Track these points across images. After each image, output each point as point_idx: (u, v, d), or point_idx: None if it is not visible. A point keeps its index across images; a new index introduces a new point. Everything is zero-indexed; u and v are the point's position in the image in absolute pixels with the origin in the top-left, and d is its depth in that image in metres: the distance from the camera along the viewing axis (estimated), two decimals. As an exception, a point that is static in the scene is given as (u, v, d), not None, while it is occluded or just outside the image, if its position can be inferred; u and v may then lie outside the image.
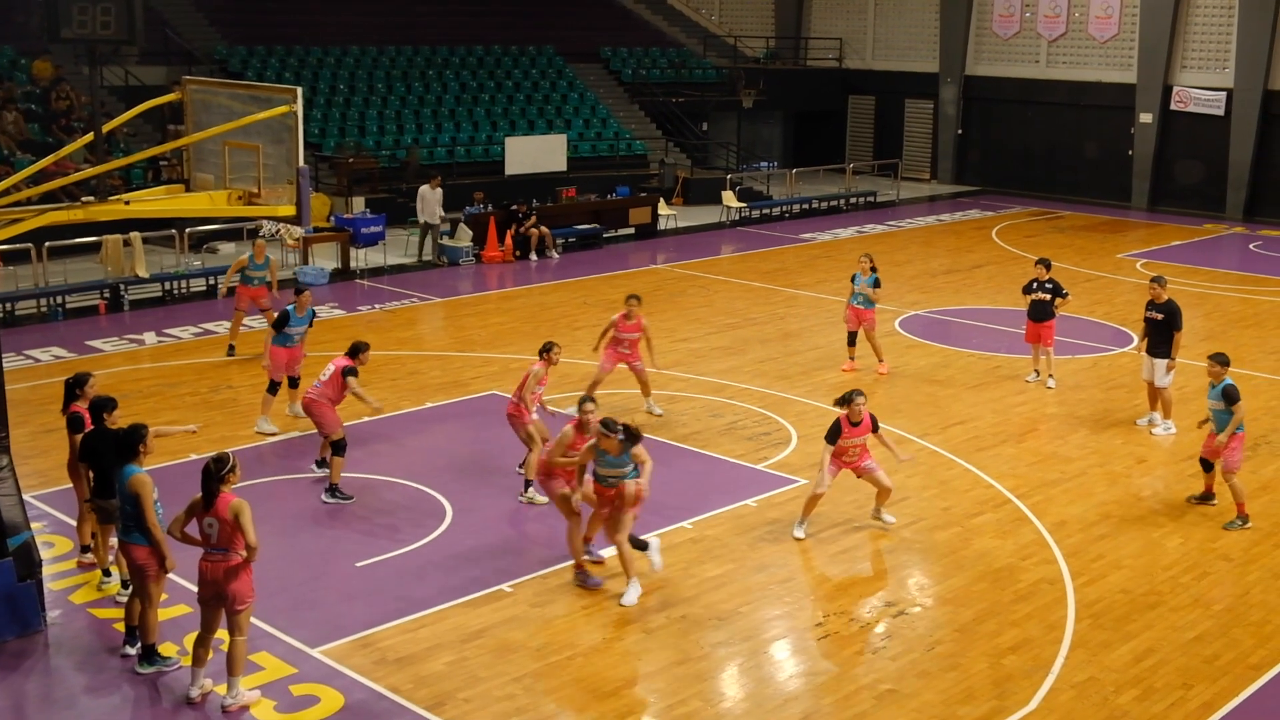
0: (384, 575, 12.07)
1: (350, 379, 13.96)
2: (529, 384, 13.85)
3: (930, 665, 10.55)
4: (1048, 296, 18.27)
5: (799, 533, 13.07)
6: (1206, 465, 13.96)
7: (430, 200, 27.20)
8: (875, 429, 13.11)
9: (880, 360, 18.99)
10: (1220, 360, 13.85)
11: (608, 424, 11.41)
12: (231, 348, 19.58)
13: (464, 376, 18.50)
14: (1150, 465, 15.51)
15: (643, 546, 11.91)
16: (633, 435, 11.45)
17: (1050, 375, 18.53)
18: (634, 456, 11.54)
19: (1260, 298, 25.11)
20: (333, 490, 13.89)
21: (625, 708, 9.89)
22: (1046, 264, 18.64)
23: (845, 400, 13.01)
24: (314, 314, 16.90)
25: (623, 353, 16.61)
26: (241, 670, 9.69)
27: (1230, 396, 13.49)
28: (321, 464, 14.56)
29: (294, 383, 16.52)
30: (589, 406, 11.94)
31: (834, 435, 12.97)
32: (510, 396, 14.32)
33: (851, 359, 19.17)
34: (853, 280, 18.94)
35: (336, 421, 13.93)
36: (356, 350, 14.35)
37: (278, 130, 15.80)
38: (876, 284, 18.75)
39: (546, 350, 14.15)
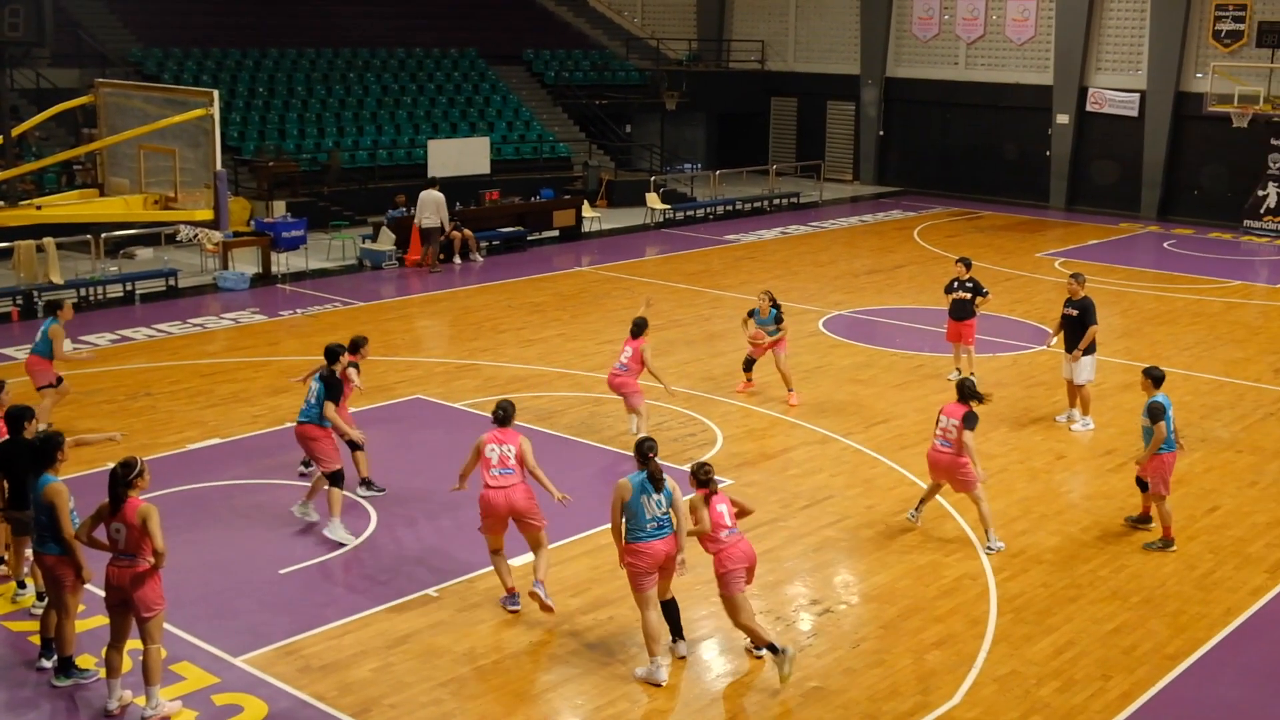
0: (308, 582, 11.96)
1: (352, 371, 13.70)
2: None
3: (856, 662, 10.64)
4: (968, 295, 18.48)
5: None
6: (1142, 485, 13.29)
7: (428, 204, 26.91)
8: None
9: (790, 390, 17.65)
10: (1150, 374, 13.39)
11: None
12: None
13: (388, 381, 18.37)
14: (1069, 461, 15.74)
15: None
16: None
17: (971, 373, 18.74)
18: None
19: (1174, 295, 25.60)
20: (368, 483, 13.92)
21: (552, 710, 9.87)
22: (967, 263, 18.86)
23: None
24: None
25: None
26: (159, 680, 9.53)
27: (1153, 414, 12.91)
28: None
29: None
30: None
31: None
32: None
33: (749, 380, 18.13)
34: (750, 315, 17.75)
35: (361, 436, 13.55)
36: (356, 345, 14.14)
37: (195, 134, 15.65)
38: (778, 320, 17.48)
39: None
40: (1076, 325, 16.64)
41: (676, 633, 10.75)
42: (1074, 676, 10.44)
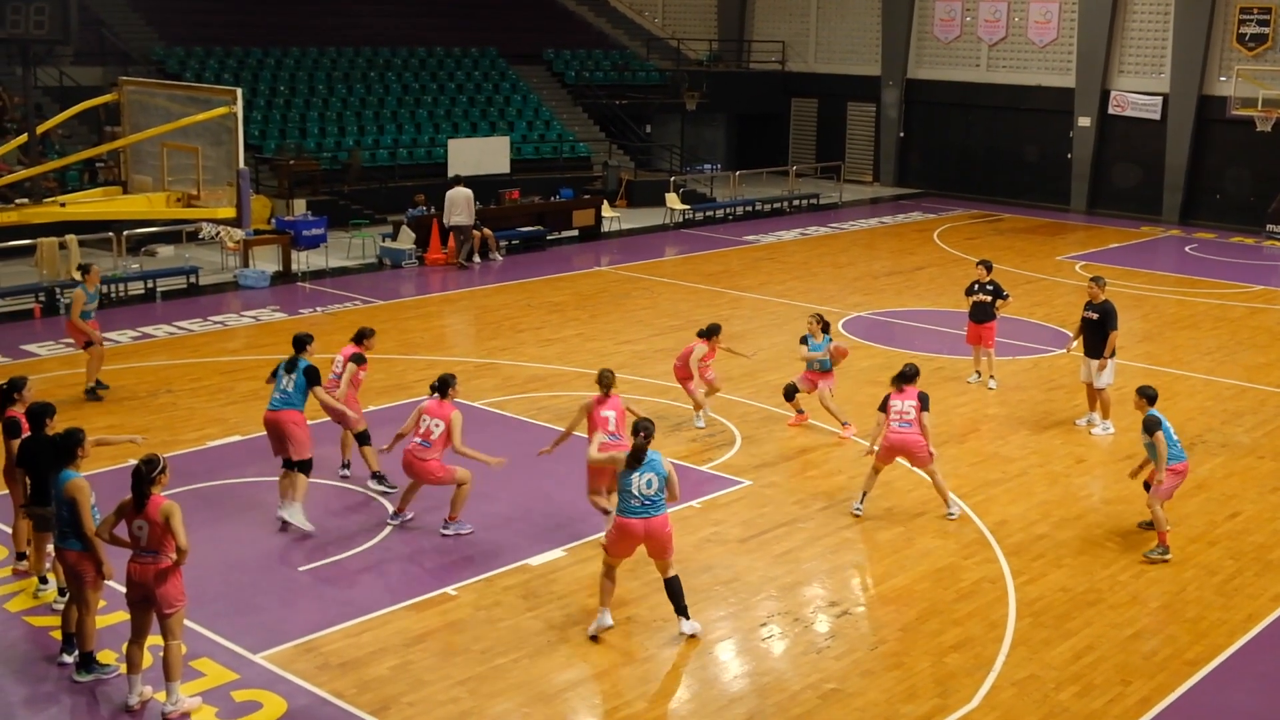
0: (327, 579, 11.99)
1: (354, 366, 13.89)
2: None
3: (874, 664, 10.62)
4: (988, 298, 18.43)
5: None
6: (1149, 487, 13.17)
7: (459, 202, 26.99)
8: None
9: (843, 424, 16.44)
10: (1144, 394, 13.22)
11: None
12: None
13: (407, 379, 18.40)
14: (1089, 465, 15.69)
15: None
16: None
17: (991, 376, 18.70)
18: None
19: (1196, 300, 25.49)
20: (379, 478, 14.11)
21: (570, 709, 9.88)
22: (988, 266, 18.81)
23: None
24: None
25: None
26: (179, 676, 9.57)
27: (1147, 427, 12.85)
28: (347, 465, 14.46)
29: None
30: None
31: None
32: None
33: (800, 411, 16.85)
34: (803, 342, 16.65)
35: (359, 419, 13.78)
36: (362, 336, 14.22)
37: (217, 132, 15.71)
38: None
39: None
40: (1096, 329, 16.58)
41: (681, 611, 10.94)
42: (1093, 681, 10.41)
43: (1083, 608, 11.71)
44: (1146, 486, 13.21)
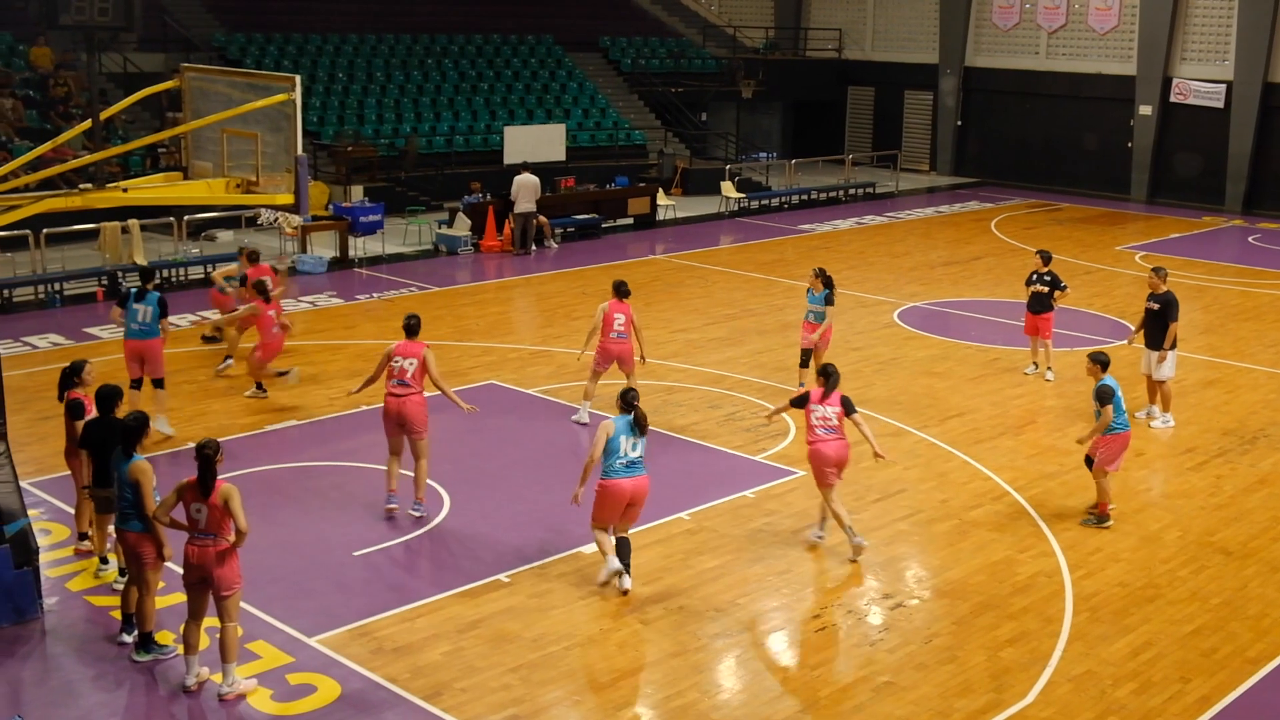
0: (381, 565, 12.07)
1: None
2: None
3: (928, 658, 10.55)
4: (1046, 289, 18.24)
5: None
6: (1090, 464, 13.40)
7: (526, 188, 27.10)
8: None
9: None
10: (1096, 359, 13.47)
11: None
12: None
13: (462, 366, 18.48)
14: (1148, 458, 15.49)
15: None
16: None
17: (1049, 367, 18.52)
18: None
19: (1259, 290, 25.10)
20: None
21: (622, 699, 9.89)
22: (1046, 256, 18.62)
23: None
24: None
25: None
26: (235, 657, 9.67)
27: (1100, 396, 13.02)
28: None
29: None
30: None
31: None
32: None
33: (801, 384, 17.18)
34: (808, 295, 17.42)
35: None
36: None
37: (276, 118, 15.77)
38: (828, 301, 17.06)
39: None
40: (1157, 320, 16.37)
41: (626, 568, 11.51)
42: (1152, 678, 10.28)
43: (1141, 603, 11.57)
44: (1088, 462, 13.40)
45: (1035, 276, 18.39)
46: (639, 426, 11.32)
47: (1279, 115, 34.80)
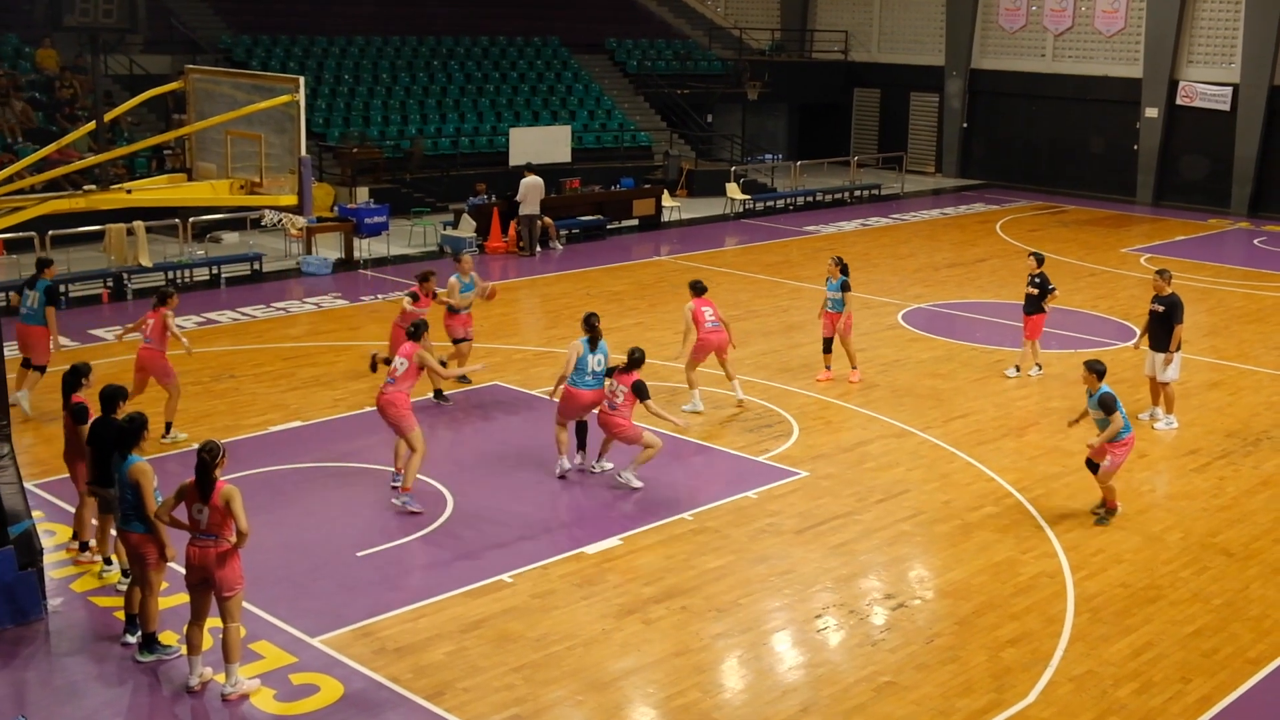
0: (384, 565, 12.09)
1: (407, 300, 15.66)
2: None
3: (929, 658, 10.56)
4: (1035, 291, 18.27)
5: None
6: (1092, 467, 13.43)
7: (532, 190, 27.18)
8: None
9: (853, 367, 18.11)
10: (1093, 368, 13.31)
11: None
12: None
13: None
14: (1151, 460, 15.49)
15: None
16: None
17: (1038, 364, 18.58)
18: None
19: (1264, 293, 25.08)
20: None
21: (624, 698, 9.91)
22: (1039, 258, 18.67)
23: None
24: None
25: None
26: (238, 658, 9.70)
27: (1106, 405, 13.03)
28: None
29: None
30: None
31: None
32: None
33: (827, 368, 18.20)
34: (827, 284, 18.10)
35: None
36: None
37: (280, 120, 15.81)
38: (844, 289, 17.67)
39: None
40: (1162, 322, 16.36)
41: (581, 446, 14.47)
42: (1152, 679, 10.28)
43: (1142, 604, 11.57)
44: (1090, 466, 13.40)
45: (1029, 277, 18.46)
46: (592, 343, 13.94)
47: (1285, 117, 34.78)
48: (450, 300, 17.16)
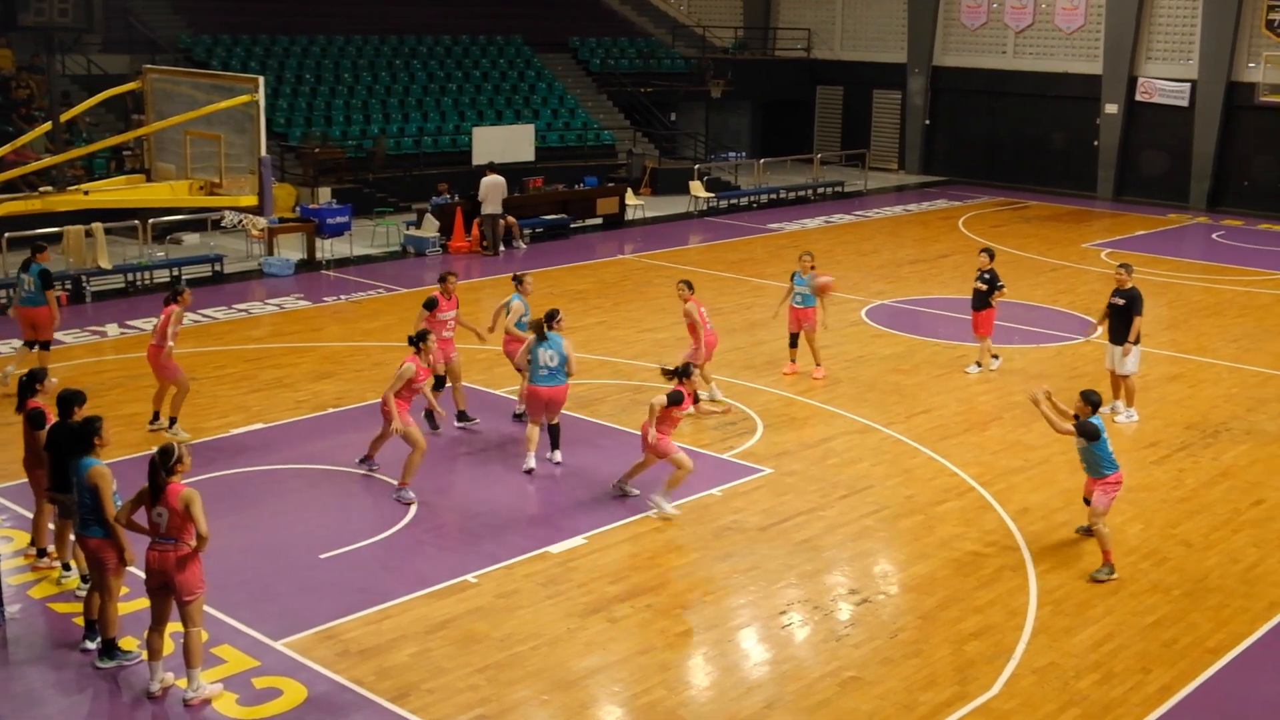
0: (348, 567, 12.03)
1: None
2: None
3: (893, 652, 10.60)
4: (984, 287, 18.38)
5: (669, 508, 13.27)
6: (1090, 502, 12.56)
7: (494, 189, 27.10)
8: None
9: (817, 364, 18.22)
10: (1089, 399, 12.21)
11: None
12: None
13: (430, 367, 18.40)
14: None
15: None
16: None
17: (995, 356, 18.70)
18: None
19: (1222, 287, 25.31)
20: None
21: (589, 697, 9.90)
22: (990, 254, 18.79)
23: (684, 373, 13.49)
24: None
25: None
26: (199, 662, 9.62)
27: (1086, 433, 12.02)
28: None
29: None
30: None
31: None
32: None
33: (793, 361, 18.45)
34: (792, 279, 18.17)
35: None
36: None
37: (241, 120, 15.76)
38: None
39: None
40: (1122, 315, 16.47)
41: (555, 445, 14.56)
42: (1114, 669, 10.36)
43: (1104, 596, 11.65)
44: (1086, 501, 12.59)
45: (977, 273, 18.55)
46: (539, 337, 14.16)
47: (1242, 114, 35.07)
48: (508, 324, 15.90)
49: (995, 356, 18.73)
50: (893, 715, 9.66)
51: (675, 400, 13.13)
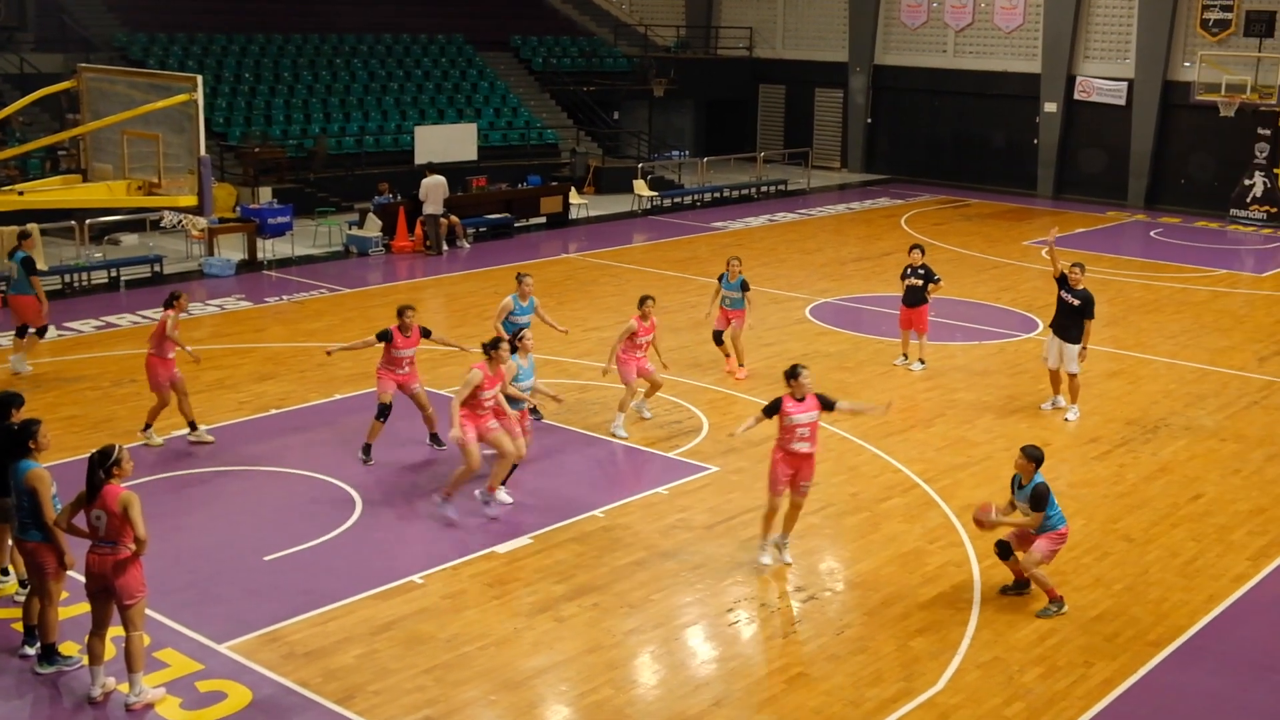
0: (292, 568, 11.93)
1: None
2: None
3: (840, 649, 10.65)
4: (920, 282, 18.51)
5: (766, 559, 12.23)
6: (1001, 552, 11.55)
7: (434, 189, 26.94)
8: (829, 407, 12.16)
9: (740, 365, 18.22)
10: (1031, 455, 11.32)
11: None
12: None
13: (373, 368, 18.24)
14: (1055, 449, 15.72)
15: None
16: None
17: (920, 360, 18.81)
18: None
19: (1161, 284, 25.65)
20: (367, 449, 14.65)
21: (537, 697, 9.87)
22: (921, 250, 18.94)
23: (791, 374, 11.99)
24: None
25: (639, 358, 15.76)
26: (142, 667, 9.50)
27: (1038, 501, 11.13)
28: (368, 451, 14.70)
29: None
30: None
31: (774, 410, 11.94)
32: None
33: (728, 356, 18.43)
34: (719, 280, 18.11)
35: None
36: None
37: (178, 119, 15.58)
38: (744, 288, 17.82)
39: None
40: (1075, 315, 16.59)
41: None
42: (1057, 663, 10.47)
43: (1047, 590, 11.77)
44: (1001, 551, 11.53)
45: (909, 270, 18.65)
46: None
47: (1178, 112, 35.54)
48: (495, 322, 16.02)
49: (921, 361, 18.79)
50: (840, 711, 9.71)
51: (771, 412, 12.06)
